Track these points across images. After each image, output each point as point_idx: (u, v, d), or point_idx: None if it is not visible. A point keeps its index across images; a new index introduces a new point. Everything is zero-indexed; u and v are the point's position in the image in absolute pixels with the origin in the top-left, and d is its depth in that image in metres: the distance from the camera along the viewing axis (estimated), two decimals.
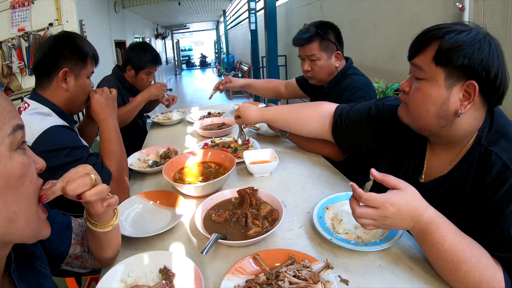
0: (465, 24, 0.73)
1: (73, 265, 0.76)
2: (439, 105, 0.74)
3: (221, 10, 12.83)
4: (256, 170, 1.23)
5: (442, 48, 0.70)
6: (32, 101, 1.07)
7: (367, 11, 3.27)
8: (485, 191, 0.69)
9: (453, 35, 0.70)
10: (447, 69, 0.71)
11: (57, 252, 0.72)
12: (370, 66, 3.13)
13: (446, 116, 0.74)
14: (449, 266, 0.65)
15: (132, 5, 7.32)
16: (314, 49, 1.51)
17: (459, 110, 0.72)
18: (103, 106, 1.17)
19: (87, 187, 0.60)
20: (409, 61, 0.81)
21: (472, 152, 0.76)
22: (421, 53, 0.75)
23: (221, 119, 1.95)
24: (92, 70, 1.17)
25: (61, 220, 0.75)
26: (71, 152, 0.98)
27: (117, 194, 1.03)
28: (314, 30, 1.49)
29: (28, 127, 0.96)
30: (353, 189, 0.70)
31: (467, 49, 0.68)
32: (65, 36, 1.12)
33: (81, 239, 0.77)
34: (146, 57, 2.06)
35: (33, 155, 0.55)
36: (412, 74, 0.81)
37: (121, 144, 1.16)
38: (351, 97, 1.40)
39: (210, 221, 0.91)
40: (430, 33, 0.74)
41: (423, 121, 0.79)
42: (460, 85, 0.71)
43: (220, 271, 0.74)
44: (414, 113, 0.80)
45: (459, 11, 2.08)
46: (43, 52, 1.06)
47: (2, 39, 4.34)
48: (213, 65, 23.25)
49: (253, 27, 6.58)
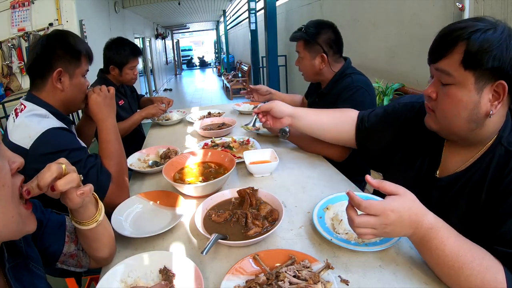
0: (485, 19, 0.71)
1: (69, 263, 0.76)
2: (471, 109, 0.72)
3: (221, 10, 12.83)
4: (256, 170, 1.23)
5: (470, 50, 0.67)
6: (28, 103, 1.05)
7: (367, 11, 3.27)
8: (503, 190, 0.69)
9: (479, 35, 0.67)
10: (476, 72, 0.69)
11: (51, 250, 0.73)
12: (370, 66, 3.13)
13: (477, 119, 0.73)
14: (451, 271, 0.64)
15: (132, 5, 7.32)
16: (299, 47, 1.59)
17: (490, 111, 0.71)
18: (101, 105, 1.15)
19: (55, 174, 0.59)
20: (431, 64, 0.77)
21: (492, 151, 0.75)
22: (446, 56, 0.72)
23: (221, 119, 1.94)
24: (87, 68, 1.15)
25: (54, 219, 0.76)
26: (69, 154, 0.97)
27: (117, 195, 1.05)
28: (303, 29, 1.56)
29: (26, 130, 0.97)
30: (350, 197, 0.68)
31: (495, 50, 0.66)
32: (57, 35, 1.09)
33: (75, 237, 0.77)
34: (125, 52, 2.04)
35: (7, 154, 0.54)
36: (436, 79, 0.77)
37: (120, 144, 1.15)
38: (352, 97, 1.41)
39: (210, 221, 0.91)
40: (453, 33, 0.70)
41: (453, 127, 0.77)
42: (489, 86, 0.70)
43: (220, 271, 0.74)
44: (444, 120, 0.77)
45: (459, 11, 2.08)
46: (36, 53, 1.04)
47: (2, 39, 4.35)
48: (213, 65, 23.27)
49: (253, 27, 6.58)
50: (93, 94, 1.16)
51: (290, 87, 6.28)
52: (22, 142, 0.95)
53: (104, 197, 1.02)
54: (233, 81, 9.48)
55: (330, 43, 1.53)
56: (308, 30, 1.53)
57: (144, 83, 9.92)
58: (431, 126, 0.83)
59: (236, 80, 9.49)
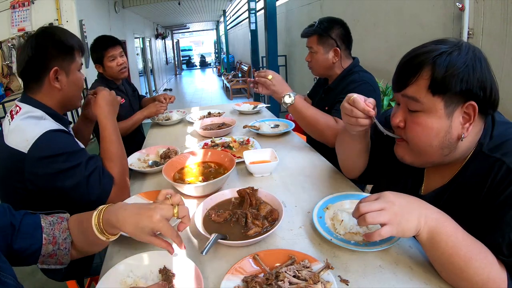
0: (447, 40, 0.70)
1: (49, 262, 0.75)
2: (442, 135, 0.71)
3: (221, 10, 12.83)
4: (256, 170, 1.23)
5: (436, 76, 0.67)
6: (24, 104, 1.02)
7: (367, 11, 3.27)
8: (488, 196, 0.68)
9: (444, 58, 0.66)
10: (445, 97, 0.68)
11: (28, 253, 0.71)
12: (370, 66, 3.12)
13: (450, 145, 0.72)
14: (461, 263, 0.63)
15: (132, 5, 7.32)
16: (312, 42, 1.61)
17: (462, 134, 0.70)
18: (108, 103, 1.16)
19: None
20: (396, 92, 0.76)
21: (473, 161, 0.74)
22: (412, 83, 0.70)
23: (221, 119, 1.95)
24: (81, 62, 1.12)
25: (29, 221, 0.73)
26: (69, 157, 0.96)
27: (118, 195, 1.05)
28: (316, 24, 1.58)
29: (22, 133, 0.96)
30: None
31: (462, 73, 0.65)
32: (45, 33, 1.05)
33: (53, 238, 0.74)
34: (96, 47, 2.02)
35: None
36: (403, 106, 0.76)
37: (122, 145, 1.15)
38: (357, 89, 1.44)
39: (210, 221, 0.91)
40: (417, 59, 0.69)
41: (426, 156, 0.76)
42: (459, 109, 0.69)
43: (220, 271, 0.74)
44: (417, 150, 0.76)
45: (459, 11, 2.08)
46: (27, 55, 1.00)
47: (2, 39, 4.35)
48: (213, 65, 23.27)
49: (253, 27, 6.57)
50: (103, 90, 1.16)
51: (290, 87, 6.28)
52: (20, 146, 0.93)
53: (107, 200, 1.02)
54: (233, 81, 9.47)
55: (343, 37, 1.58)
56: (321, 24, 1.57)
57: (144, 83, 9.92)
58: (404, 158, 0.81)
59: (236, 80, 9.48)
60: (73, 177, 0.96)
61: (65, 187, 0.96)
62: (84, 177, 0.97)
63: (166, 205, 0.66)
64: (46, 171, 0.94)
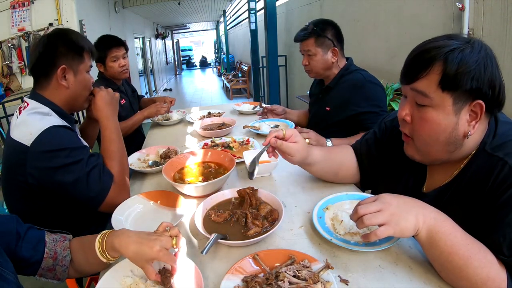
0: (459, 36, 0.70)
1: (47, 276, 0.77)
2: (449, 132, 0.71)
3: (221, 10, 12.82)
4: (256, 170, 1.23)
5: (448, 72, 0.66)
6: (32, 101, 1.06)
7: (367, 11, 3.27)
8: (490, 195, 0.68)
9: (456, 55, 0.65)
10: (454, 94, 0.67)
11: (29, 263, 0.73)
12: (370, 66, 3.12)
13: (456, 141, 0.72)
14: (460, 262, 0.63)
15: (132, 5, 7.31)
16: (310, 45, 1.62)
17: (468, 132, 0.70)
18: (108, 103, 1.16)
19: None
20: (405, 85, 0.75)
21: (476, 159, 0.74)
22: (422, 76, 0.70)
23: (221, 119, 1.95)
24: (90, 64, 1.15)
25: (34, 234, 0.76)
26: (71, 153, 0.97)
27: (118, 194, 1.05)
28: (312, 27, 1.59)
29: (27, 127, 0.98)
30: None
31: (474, 71, 0.65)
32: (58, 33, 1.10)
33: (54, 253, 0.77)
34: (100, 46, 2.00)
35: None
36: (410, 100, 0.75)
37: (123, 144, 1.15)
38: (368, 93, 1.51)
39: (210, 221, 0.91)
40: (429, 53, 0.68)
41: (433, 153, 0.76)
42: (467, 107, 0.69)
43: (220, 271, 0.74)
44: (423, 146, 0.76)
45: (459, 11, 2.08)
46: (38, 52, 1.04)
47: (2, 39, 4.34)
48: (213, 65, 23.26)
49: (253, 27, 6.57)
50: (101, 91, 1.17)
51: (290, 87, 6.28)
52: (23, 139, 0.95)
53: (106, 197, 1.02)
54: (233, 81, 9.47)
55: (337, 37, 1.61)
56: (317, 26, 1.58)
57: (144, 83, 9.91)
58: (413, 156, 0.81)
59: (236, 80, 9.48)
60: (74, 173, 0.97)
61: (65, 182, 0.97)
62: (84, 173, 0.98)
63: (165, 237, 0.70)
64: (47, 165, 0.96)
